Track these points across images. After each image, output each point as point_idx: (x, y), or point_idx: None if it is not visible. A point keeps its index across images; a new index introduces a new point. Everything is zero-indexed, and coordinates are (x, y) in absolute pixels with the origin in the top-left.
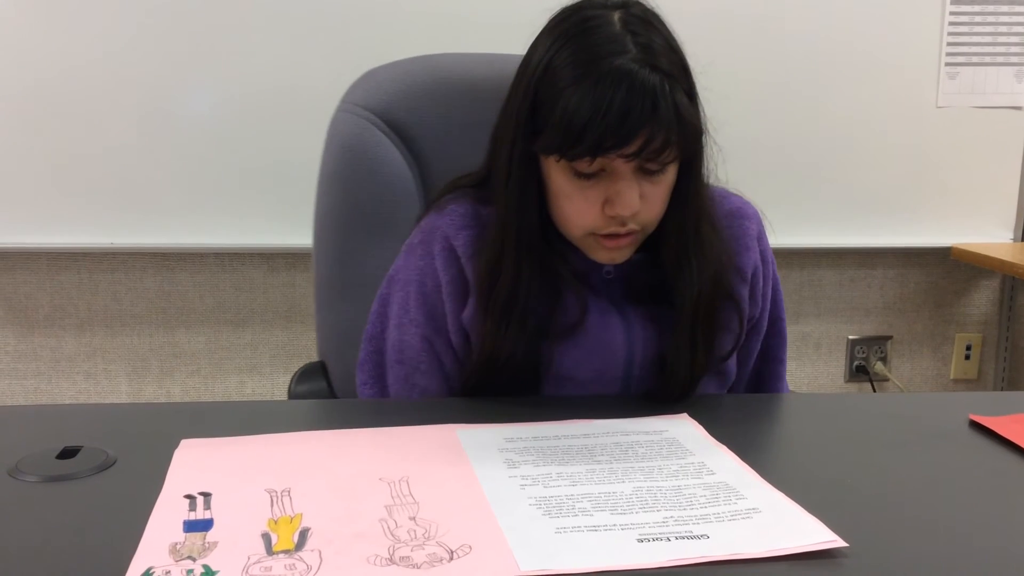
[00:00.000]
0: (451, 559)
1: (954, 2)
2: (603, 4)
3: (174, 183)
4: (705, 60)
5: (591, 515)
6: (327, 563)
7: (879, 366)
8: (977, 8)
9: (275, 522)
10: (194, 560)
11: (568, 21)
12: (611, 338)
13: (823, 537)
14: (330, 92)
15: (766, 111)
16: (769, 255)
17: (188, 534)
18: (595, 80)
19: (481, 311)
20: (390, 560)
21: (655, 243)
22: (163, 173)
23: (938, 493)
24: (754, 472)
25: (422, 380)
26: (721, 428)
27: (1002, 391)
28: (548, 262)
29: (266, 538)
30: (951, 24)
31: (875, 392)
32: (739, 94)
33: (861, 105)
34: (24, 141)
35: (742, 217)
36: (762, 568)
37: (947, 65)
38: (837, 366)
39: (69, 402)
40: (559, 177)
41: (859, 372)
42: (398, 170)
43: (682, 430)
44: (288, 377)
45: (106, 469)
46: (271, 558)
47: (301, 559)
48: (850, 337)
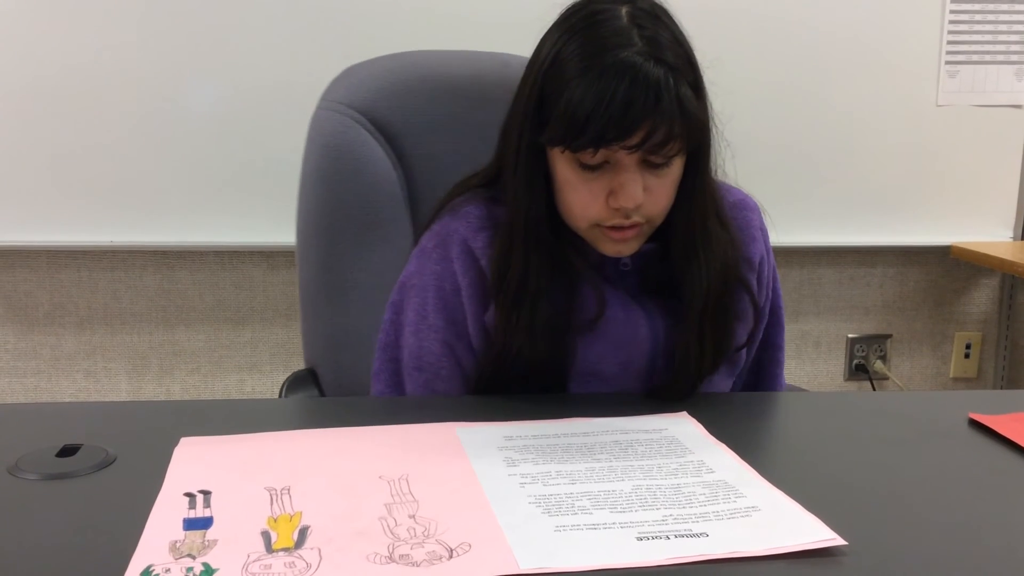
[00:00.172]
0: (450, 557)
1: (954, 0)
2: None
3: (174, 181)
4: (711, 55)
5: (590, 513)
6: (327, 561)
7: (879, 364)
8: (977, 6)
9: (275, 520)
10: (194, 558)
11: (577, 15)
12: (635, 330)
13: (822, 535)
14: None
15: (765, 109)
16: (770, 245)
17: (188, 532)
18: (599, 72)
19: (494, 304)
20: (389, 558)
21: (667, 235)
22: (163, 171)
23: (937, 491)
24: (753, 470)
25: (442, 386)
26: (720, 426)
27: (1001, 390)
28: (560, 254)
29: (266, 536)
30: (951, 22)
31: (874, 390)
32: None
33: (861, 103)
34: (24, 139)
35: (745, 209)
36: (761, 566)
37: (947, 63)
38: (837, 364)
39: (69, 400)
40: (564, 168)
41: (859, 370)
42: (383, 170)
43: (681, 428)
44: (288, 375)
45: (106, 467)
46: (271, 556)
47: (301, 557)
48: (850, 335)
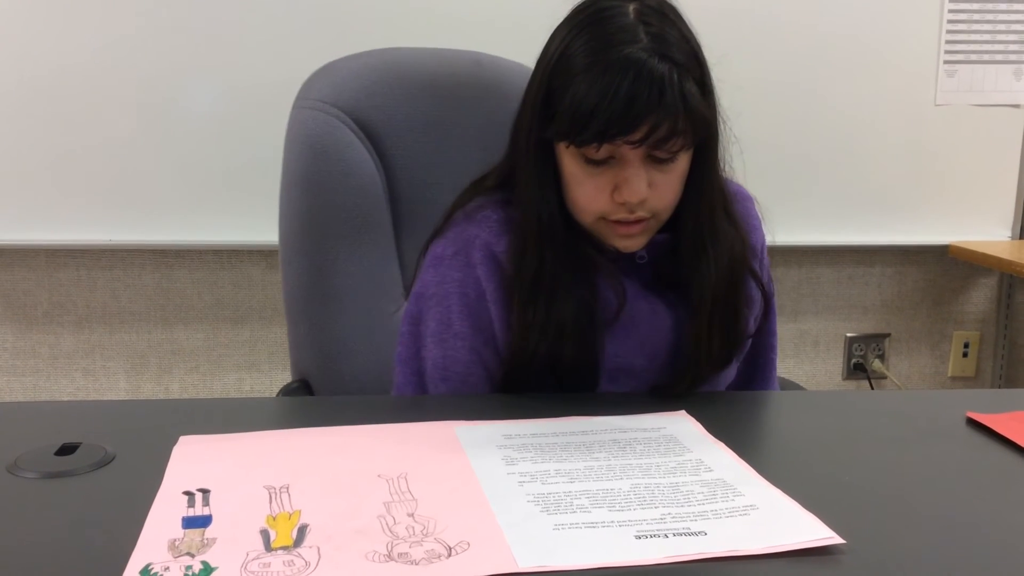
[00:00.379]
0: (449, 555)
1: (953, 0)
2: None
3: (173, 180)
4: (717, 53)
5: (589, 512)
6: (325, 559)
7: (877, 364)
8: (976, 6)
9: (274, 518)
10: (193, 556)
11: (585, 12)
12: (661, 322)
13: (820, 534)
14: None
15: (765, 108)
16: (764, 233)
17: (187, 530)
18: (604, 68)
19: (512, 300)
20: (388, 556)
21: (678, 227)
22: (162, 170)
23: (935, 490)
24: (752, 469)
25: (470, 393)
26: (719, 425)
27: (999, 389)
28: (576, 248)
29: (265, 534)
30: (950, 22)
31: (873, 390)
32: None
33: (860, 103)
34: (23, 138)
35: (744, 199)
36: (759, 565)
37: (946, 63)
38: (835, 364)
39: (67, 399)
40: (570, 163)
41: (857, 370)
42: (368, 172)
43: (680, 427)
44: (287, 374)
45: (105, 466)
46: (270, 554)
47: (300, 555)
48: (848, 335)
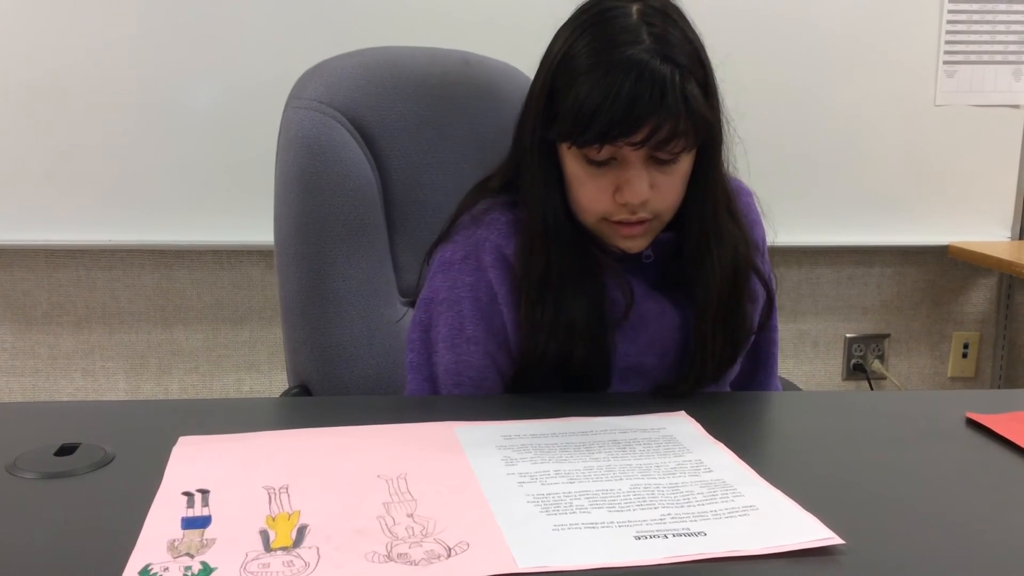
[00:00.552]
0: (449, 556)
1: (952, 0)
2: None
3: (172, 180)
4: (722, 53)
5: (588, 512)
6: (325, 560)
7: (876, 364)
8: (975, 6)
9: (273, 519)
10: (192, 557)
11: (588, 12)
12: (670, 320)
13: (820, 535)
14: None
15: (764, 108)
16: (764, 228)
17: (186, 531)
18: (606, 68)
19: (522, 301)
20: (388, 557)
21: (682, 226)
22: (161, 170)
23: (935, 491)
24: (751, 470)
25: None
26: (718, 425)
27: (999, 389)
28: (583, 248)
29: (264, 535)
30: (949, 22)
31: (872, 390)
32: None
33: (859, 103)
34: (22, 138)
35: (744, 194)
36: (759, 565)
37: (945, 63)
38: (834, 364)
39: (67, 399)
40: (572, 164)
41: (856, 370)
42: (364, 173)
43: (679, 427)
44: (286, 375)
45: (104, 466)
46: (269, 555)
47: (299, 556)
48: (847, 335)
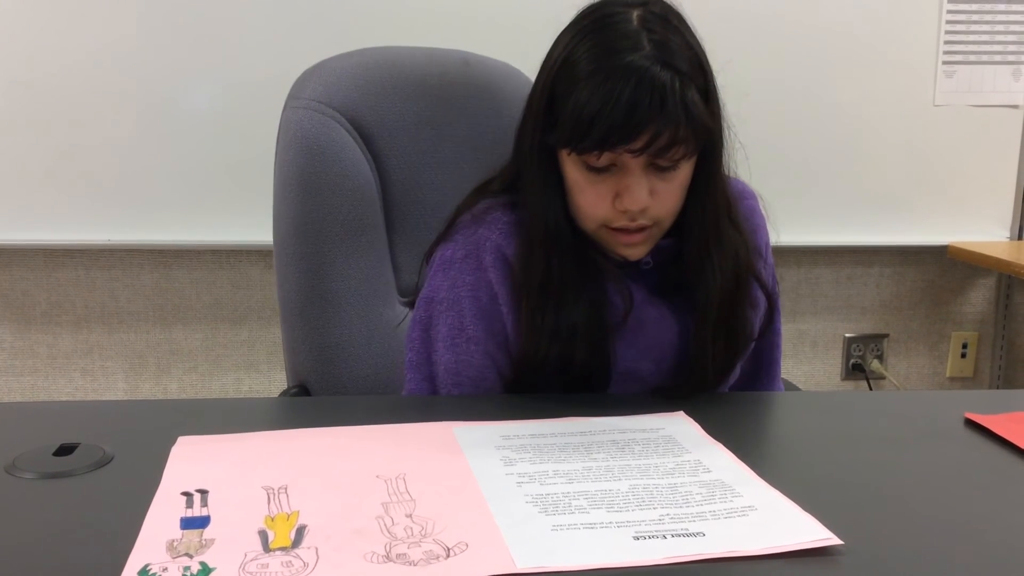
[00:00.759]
0: (448, 556)
1: (951, 0)
2: (624, 2)
3: (172, 179)
4: (723, 58)
5: (587, 512)
6: (324, 560)
7: (875, 364)
8: (975, 7)
9: (272, 519)
10: (191, 557)
11: (589, 17)
12: (668, 326)
13: (819, 535)
14: None
15: (763, 109)
16: (767, 230)
17: (185, 531)
18: (606, 75)
19: (521, 305)
20: (387, 557)
21: (682, 233)
22: (161, 169)
23: (934, 491)
24: (750, 470)
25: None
26: (717, 426)
27: (998, 389)
28: (583, 254)
29: (263, 535)
30: (948, 23)
31: (871, 390)
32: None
33: (858, 103)
34: (22, 137)
35: (746, 197)
36: (758, 566)
37: (944, 63)
38: (833, 364)
39: (66, 399)
40: (572, 170)
41: (855, 370)
42: (364, 173)
43: (678, 428)
44: (285, 374)
45: (103, 466)
46: (268, 555)
47: (298, 556)
48: (846, 335)
